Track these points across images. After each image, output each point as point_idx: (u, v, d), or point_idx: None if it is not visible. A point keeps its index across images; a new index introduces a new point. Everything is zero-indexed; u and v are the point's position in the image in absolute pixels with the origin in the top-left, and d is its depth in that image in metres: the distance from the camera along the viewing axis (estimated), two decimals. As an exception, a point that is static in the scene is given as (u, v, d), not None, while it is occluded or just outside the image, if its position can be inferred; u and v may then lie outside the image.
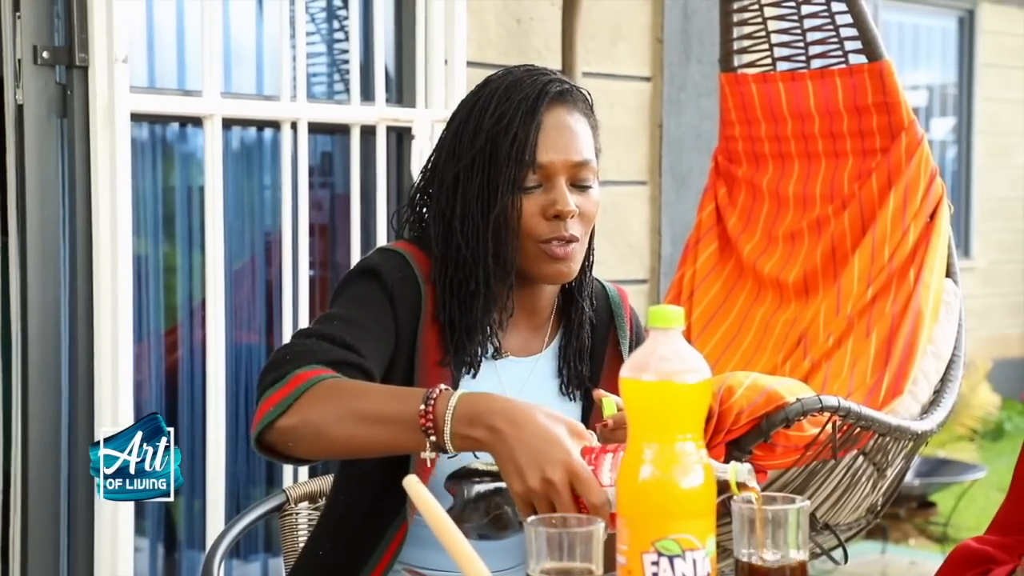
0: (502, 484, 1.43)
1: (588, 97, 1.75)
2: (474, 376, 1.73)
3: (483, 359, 1.73)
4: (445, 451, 1.45)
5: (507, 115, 1.66)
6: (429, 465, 1.45)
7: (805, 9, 3.07)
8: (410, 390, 1.49)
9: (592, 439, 1.42)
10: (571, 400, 1.81)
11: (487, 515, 1.48)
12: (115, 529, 2.55)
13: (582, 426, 1.43)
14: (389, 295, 1.67)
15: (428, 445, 1.43)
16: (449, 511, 1.35)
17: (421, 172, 1.78)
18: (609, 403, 1.58)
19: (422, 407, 1.43)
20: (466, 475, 1.49)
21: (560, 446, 1.37)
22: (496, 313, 1.72)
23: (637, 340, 1.87)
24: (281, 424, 1.50)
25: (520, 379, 1.77)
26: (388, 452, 1.53)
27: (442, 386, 1.46)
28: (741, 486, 1.26)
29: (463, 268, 1.69)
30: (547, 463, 1.36)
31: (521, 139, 1.65)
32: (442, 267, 1.71)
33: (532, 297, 1.77)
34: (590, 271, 1.83)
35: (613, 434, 1.53)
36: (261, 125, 3.16)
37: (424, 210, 1.76)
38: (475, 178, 1.67)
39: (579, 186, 1.70)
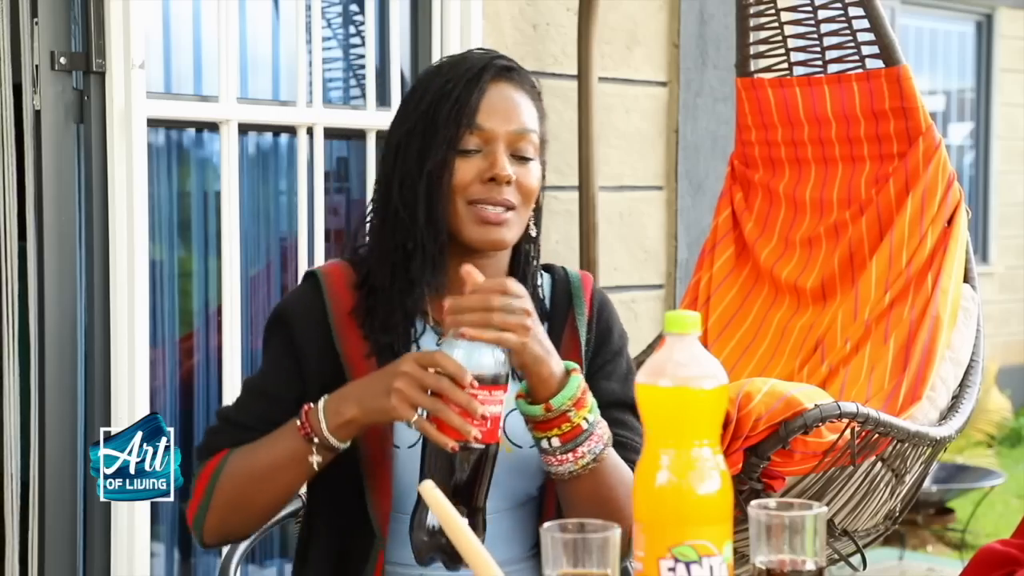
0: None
1: (537, 84, 1.77)
2: None
3: (417, 342, 1.71)
4: (332, 448, 1.58)
5: (452, 81, 1.69)
6: (316, 468, 1.59)
7: (822, 14, 3.06)
8: (283, 426, 1.62)
9: None
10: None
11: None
12: (132, 533, 2.56)
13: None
14: (293, 343, 1.71)
15: (314, 449, 1.59)
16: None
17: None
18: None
19: (298, 422, 1.59)
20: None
21: (392, 365, 1.54)
22: (431, 274, 1.69)
23: (599, 322, 1.81)
24: (208, 528, 1.67)
25: None
26: (297, 480, 1.64)
27: (308, 405, 1.60)
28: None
29: (400, 231, 1.69)
30: (388, 379, 1.51)
31: (462, 101, 1.67)
32: (379, 237, 1.72)
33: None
34: (535, 252, 1.79)
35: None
36: (277, 130, 3.17)
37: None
38: (414, 141, 1.69)
39: (519, 157, 1.70)
